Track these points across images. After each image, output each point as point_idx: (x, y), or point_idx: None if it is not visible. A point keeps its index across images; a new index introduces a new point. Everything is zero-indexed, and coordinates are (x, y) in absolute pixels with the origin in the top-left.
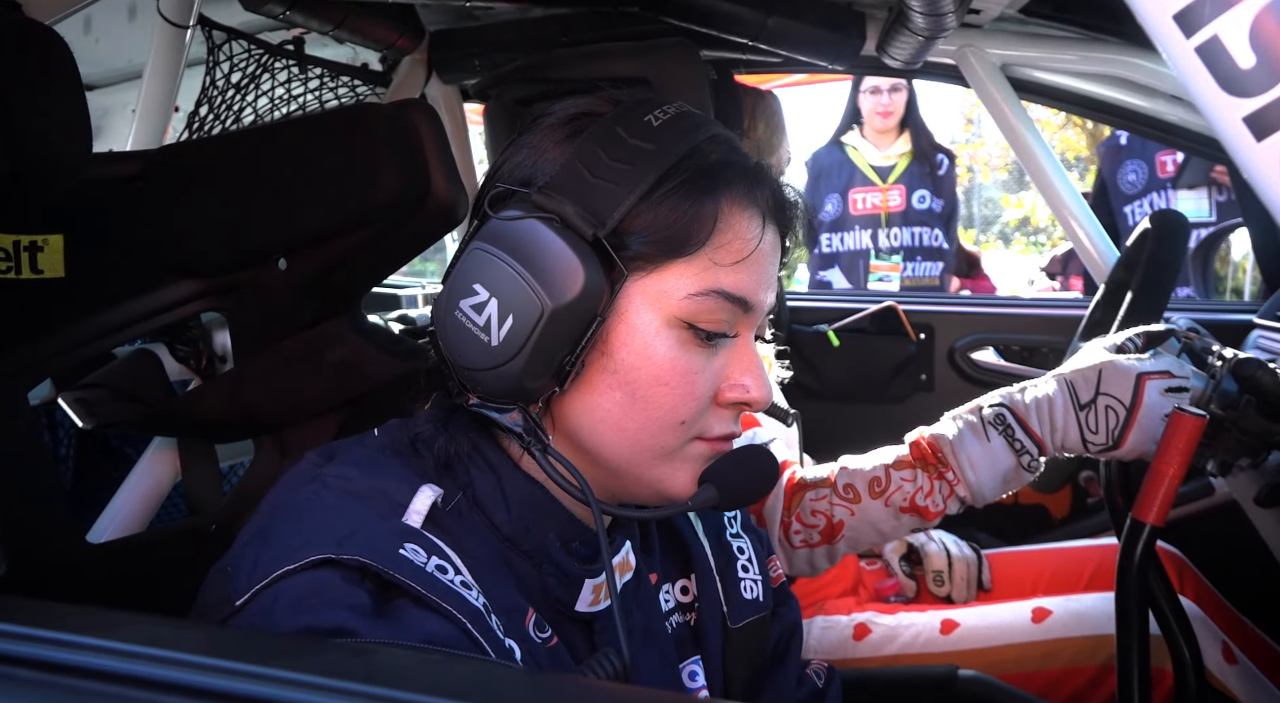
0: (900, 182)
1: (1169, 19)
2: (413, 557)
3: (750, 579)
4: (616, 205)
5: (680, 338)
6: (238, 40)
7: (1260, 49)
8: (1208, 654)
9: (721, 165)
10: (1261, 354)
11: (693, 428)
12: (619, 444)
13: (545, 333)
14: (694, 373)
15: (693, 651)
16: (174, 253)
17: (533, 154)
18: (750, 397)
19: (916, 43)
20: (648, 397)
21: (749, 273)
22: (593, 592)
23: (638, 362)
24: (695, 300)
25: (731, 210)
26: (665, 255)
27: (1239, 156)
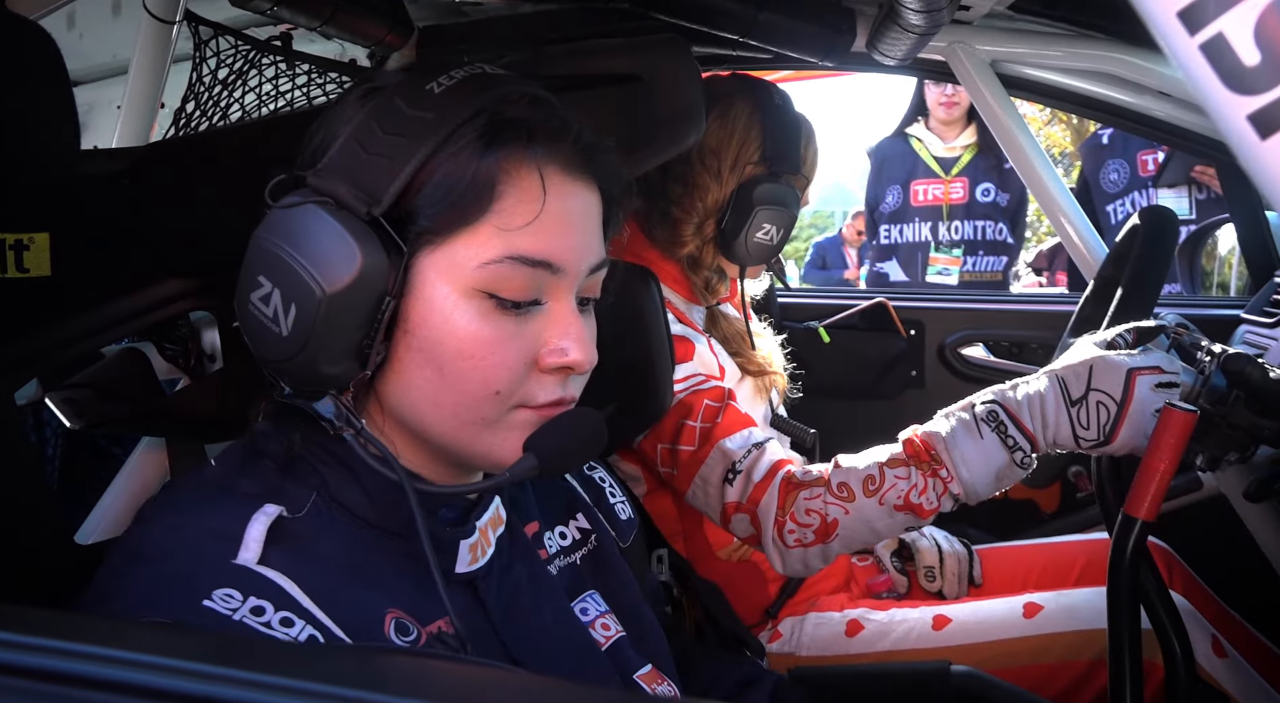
0: (964, 174)
1: (1173, 16)
2: (220, 605)
3: (619, 502)
4: (390, 181)
5: (481, 308)
6: (225, 36)
7: (1265, 46)
8: (1197, 648)
9: (502, 125)
10: (1249, 349)
11: (511, 397)
12: (440, 419)
13: (329, 319)
14: (501, 342)
15: (585, 587)
16: (162, 251)
17: (326, 134)
18: (570, 360)
19: (907, 39)
20: (456, 371)
21: (549, 234)
22: (469, 551)
23: (439, 337)
24: (489, 268)
25: (513, 170)
26: (451, 226)
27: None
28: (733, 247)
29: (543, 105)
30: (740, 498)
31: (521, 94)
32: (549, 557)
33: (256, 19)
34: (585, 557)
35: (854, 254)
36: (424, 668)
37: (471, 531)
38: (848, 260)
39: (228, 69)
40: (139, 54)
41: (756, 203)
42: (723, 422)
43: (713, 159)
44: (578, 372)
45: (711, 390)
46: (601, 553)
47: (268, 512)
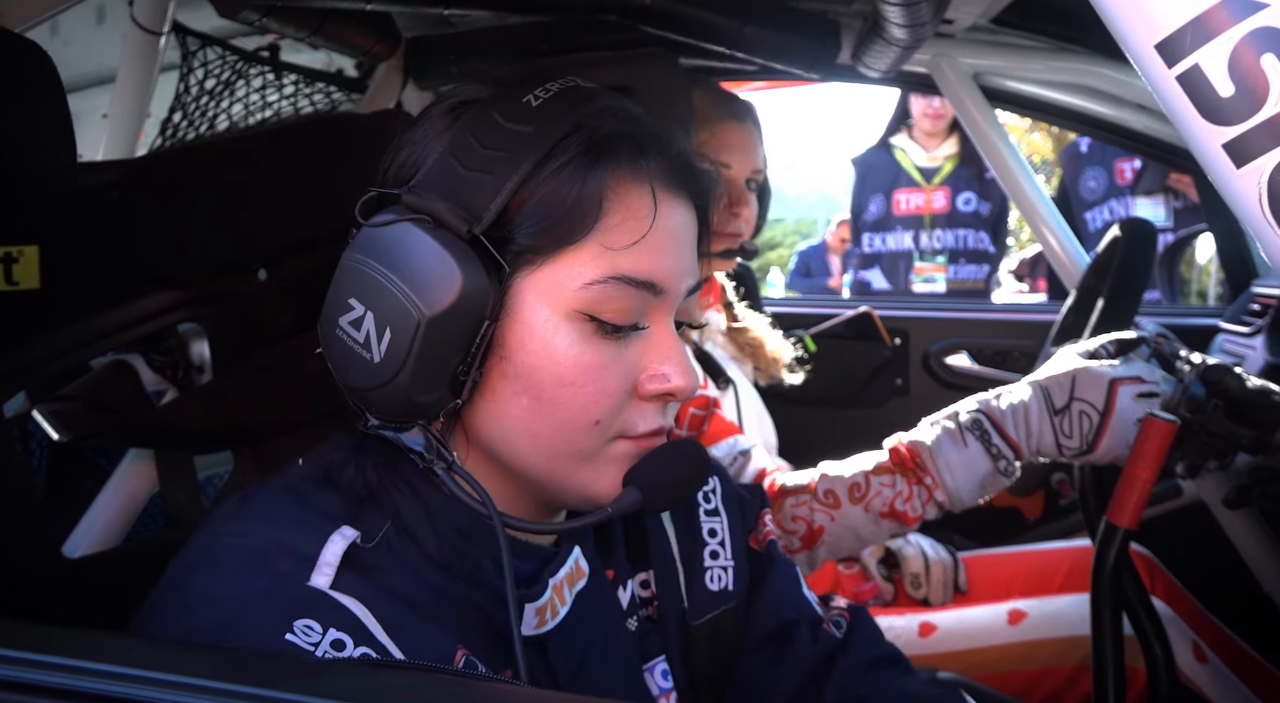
0: (945, 184)
1: (1151, 48)
2: (302, 639)
3: (719, 567)
4: (492, 197)
5: (582, 332)
6: (212, 47)
7: (1239, 79)
8: (1179, 654)
9: (606, 139)
10: (1227, 358)
11: (611, 427)
12: (534, 451)
13: (426, 343)
14: (602, 368)
15: (659, 649)
16: (151, 263)
17: (414, 151)
18: (672, 386)
19: (891, 52)
20: (555, 398)
21: (652, 253)
22: (535, 615)
23: (539, 362)
24: (593, 289)
25: (620, 187)
26: (554, 245)
27: (1219, 182)
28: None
29: (638, 120)
30: None
31: (619, 108)
32: (628, 608)
33: (244, 29)
34: (645, 619)
35: (838, 261)
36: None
37: (541, 591)
38: (831, 268)
39: (215, 79)
40: (125, 65)
41: None
42: (708, 430)
43: None
44: (679, 399)
45: (696, 399)
46: (660, 621)
47: (345, 534)
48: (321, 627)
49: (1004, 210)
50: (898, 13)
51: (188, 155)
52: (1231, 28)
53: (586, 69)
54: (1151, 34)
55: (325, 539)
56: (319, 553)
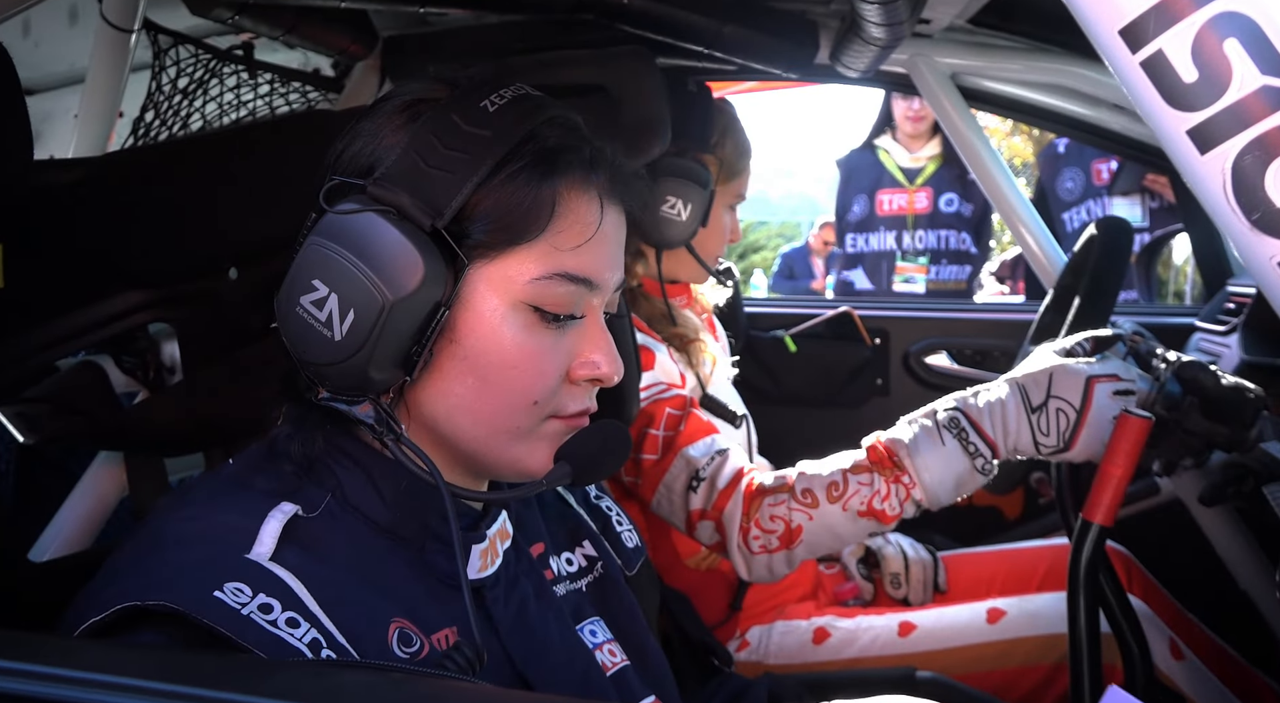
0: (928, 185)
1: (1115, 34)
2: (230, 599)
3: (626, 531)
4: (453, 195)
5: (527, 321)
6: (185, 45)
7: (1202, 64)
8: (1156, 652)
9: (559, 150)
10: (1203, 356)
11: (546, 407)
12: (474, 427)
13: (389, 326)
14: (543, 354)
15: (590, 613)
16: (120, 262)
17: (370, 142)
18: (601, 372)
19: (869, 52)
20: (499, 380)
21: (592, 254)
22: (480, 557)
23: (486, 347)
24: (539, 284)
25: (570, 195)
26: (506, 242)
27: (1183, 169)
28: (641, 223)
29: (580, 131)
30: (705, 506)
31: (565, 119)
32: (555, 579)
33: (217, 28)
34: (591, 584)
35: (821, 264)
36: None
37: (482, 537)
38: (815, 270)
39: (188, 78)
40: (95, 63)
41: (658, 174)
42: (685, 430)
43: None
44: (605, 383)
45: (673, 399)
46: (607, 581)
47: (284, 509)
48: (252, 590)
49: (986, 212)
50: (875, 12)
51: (157, 153)
52: (1194, 13)
53: (564, 68)
54: (1115, 19)
55: (265, 516)
56: (259, 529)
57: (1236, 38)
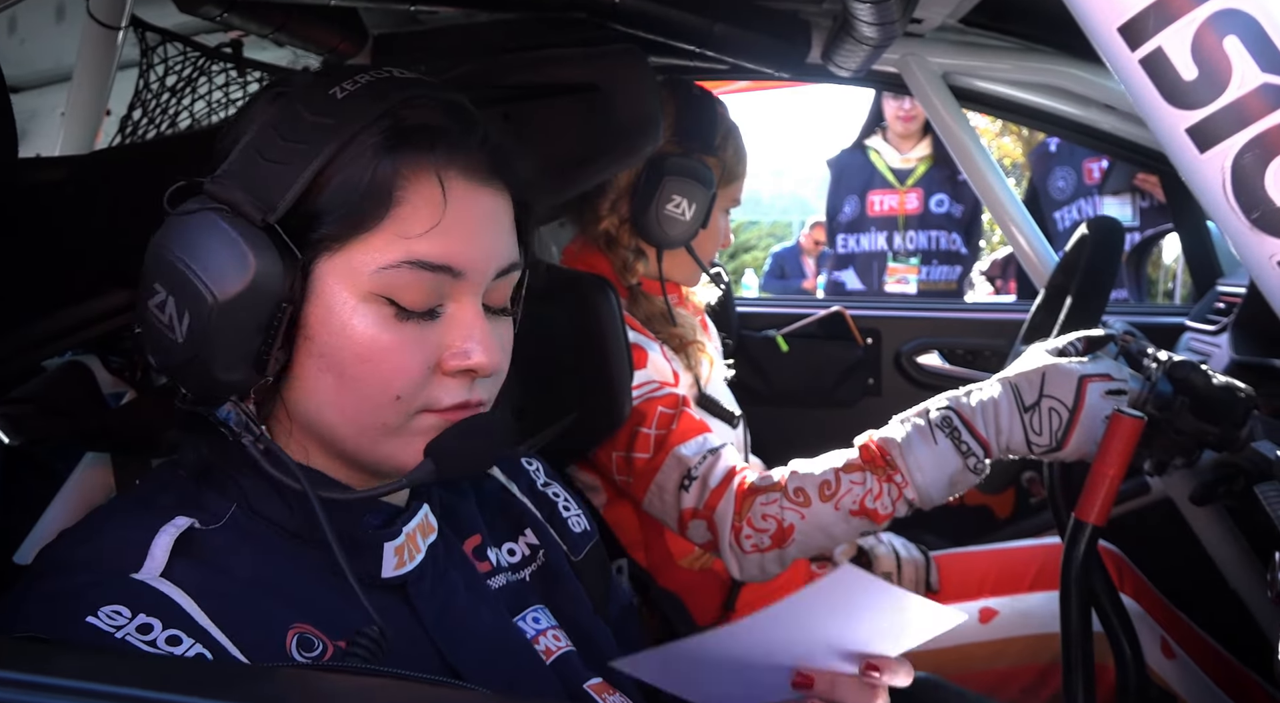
0: (919, 185)
1: (1114, 31)
2: (104, 623)
3: (574, 516)
4: (287, 188)
5: (380, 313)
6: (173, 43)
7: (1202, 62)
8: (1147, 650)
9: (402, 130)
10: (1193, 356)
11: (414, 401)
12: (343, 425)
13: (221, 326)
14: (401, 347)
15: (531, 602)
16: (107, 262)
17: (228, 140)
18: (472, 363)
19: (861, 52)
20: (355, 375)
21: (449, 238)
22: (395, 555)
23: (339, 342)
24: (388, 274)
25: (414, 176)
26: (349, 232)
27: (1182, 167)
28: (645, 222)
29: (451, 110)
30: (697, 504)
31: (430, 99)
32: (493, 570)
33: (206, 25)
34: (534, 573)
35: (812, 263)
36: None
37: (396, 533)
38: (806, 270)
39: (176, 76)
40: (82, 60)
41: (665, 173)
42: (677, 428)
43: None
44: (481, 374)
45: (665, 397)
46: (550, 569)
47: (177, 524)
48: (131, 612)
49: (977, 212)
50: (867, 11)
51: (144, 150)
52: (1194, 10)
53: (555, 66)
54: (1114, 16)
55: (156, 532)
56: (150, 544)
57: (1236, 35)
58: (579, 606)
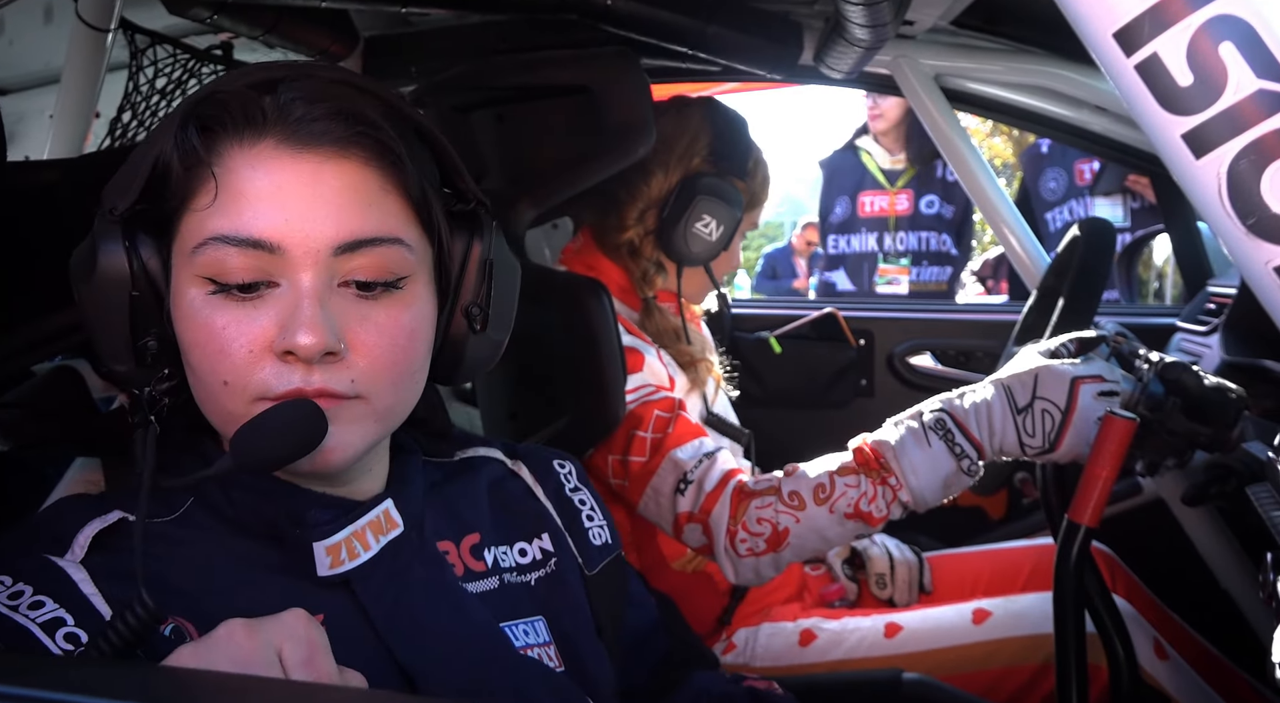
0: (909, 186)
1: (1109, 37)
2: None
3: (596, 526)
4: (131, 181)
5: (205, 296)
6: (162, 45)
7: (1197, 68)
8: (1140, 651)
9: (197, 113)
10: (1184, 357)
11: (245, 388)
12: (212, 415)
13: (89, 315)
14: (222, 329)
15: (531, 611)
16: None
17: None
18: (293, 343)
19: (853, 53)
20: (193, 363)
21: (250, 209)
22: (328, 554)
23: (181, 329)
24: (200, 255)
25: (214, 155)
26: (171, 217)
27: (1178, 173)
28: (671, 237)
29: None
30: (692, 508)
31: (230, 80)
32: (486, 571)
33: (196, 28)
34: (540, 580)
35: (804, 264)
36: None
37: (329, 532)
38: (797, 270)
39: (166, 78)
40: (71, 62)
41: (698, 192)
42: (674, 432)
43: (663, 147)
44: (302, 357)
45: (662, 401)
46: (558, 579)
47: (106, 519)
48: (11, 581)
49: (968, 213)
50: (859, 13)
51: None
52: (1190, 15)
53: (547, 68)
54: (1109, 22)
55: (85, 524)
56: (74, 538)
57: (1232, 41)
58: (580, 624)
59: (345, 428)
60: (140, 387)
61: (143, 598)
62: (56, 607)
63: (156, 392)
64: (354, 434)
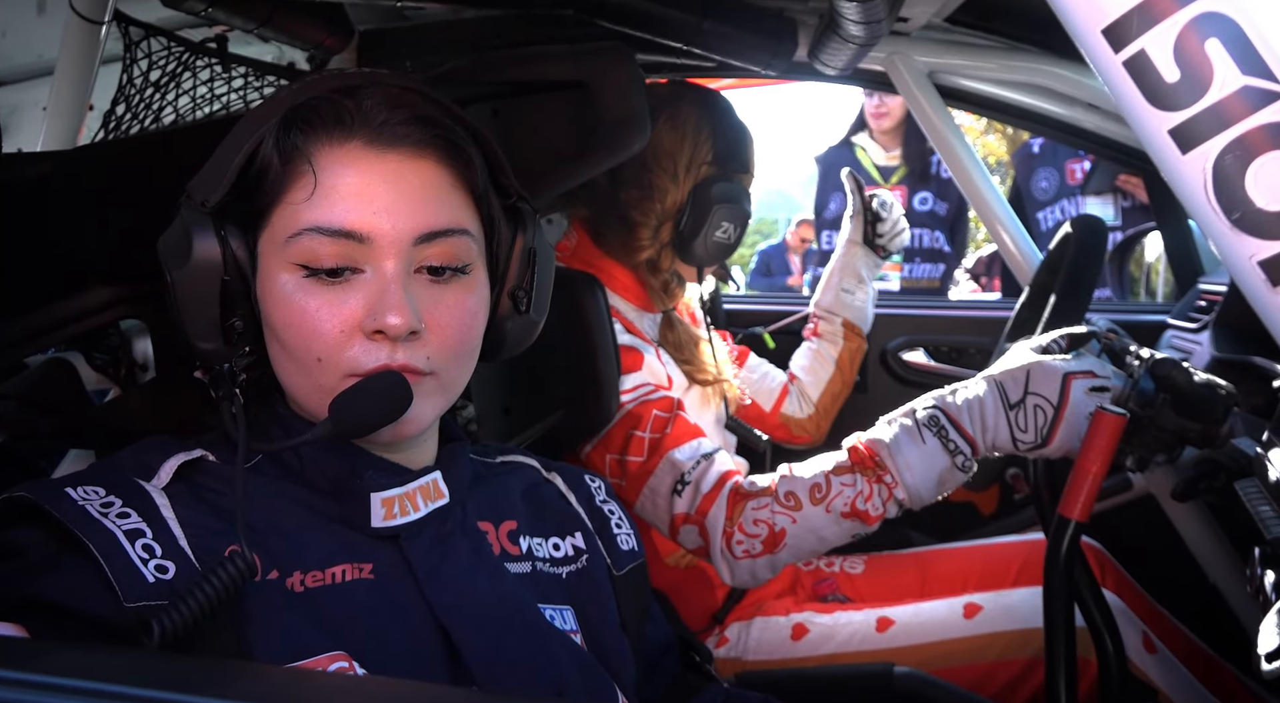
0: (902, 183)
1: (1098, 33)
2: (76, 494)
3: (624, 534)
4: (222, 174)
5: (298, 281)
6: (156, 37)
7: (1184, 64)
8: (1129, 645)
9: (298, 111)
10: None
11: (337, 364)
12: (296, 388)
13: (183, 298)
14: (315, 312)
15: (561, 600)
16: (91, 257)
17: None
18: (383, 323)
19: (847, 50)
20: (286, 341)
21: (343, 203)
22: (383, 506)
23: (273, 311)
24: (296, 243)
25: (313, 151)
26: (266, 209)
27: (1164, 168)
28: (691, 247)
29: (342, 92)
30: (689, 509)
31: (326, 80)
32: (521, 556)
33: (190, 20)
34: (572, 574)
35: (798, 261)
36: None
37: (387, 486)
38: (792, 267)
39: (160, 71)
40: (64, 55)
41: (714, 201)
42: (671, 433)
43: (668, 162)
44: (391, 336)
45: (660, 401)
46: (588, 575)
47: (191, 453)
48: (105, 492)
49: (962, 210)
50: (853, 10)
51: (128, 146)
52: (1177, 13)
53: (542, 63)
54: (1098, 19)
55: (169, 457)
56: (160, 466)
57: (1218, 38)
58: (606, 618)
59: (421, 401)
60: (222, 363)
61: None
62: (139, 520)
63: (237, 367)
64: (428, 407)
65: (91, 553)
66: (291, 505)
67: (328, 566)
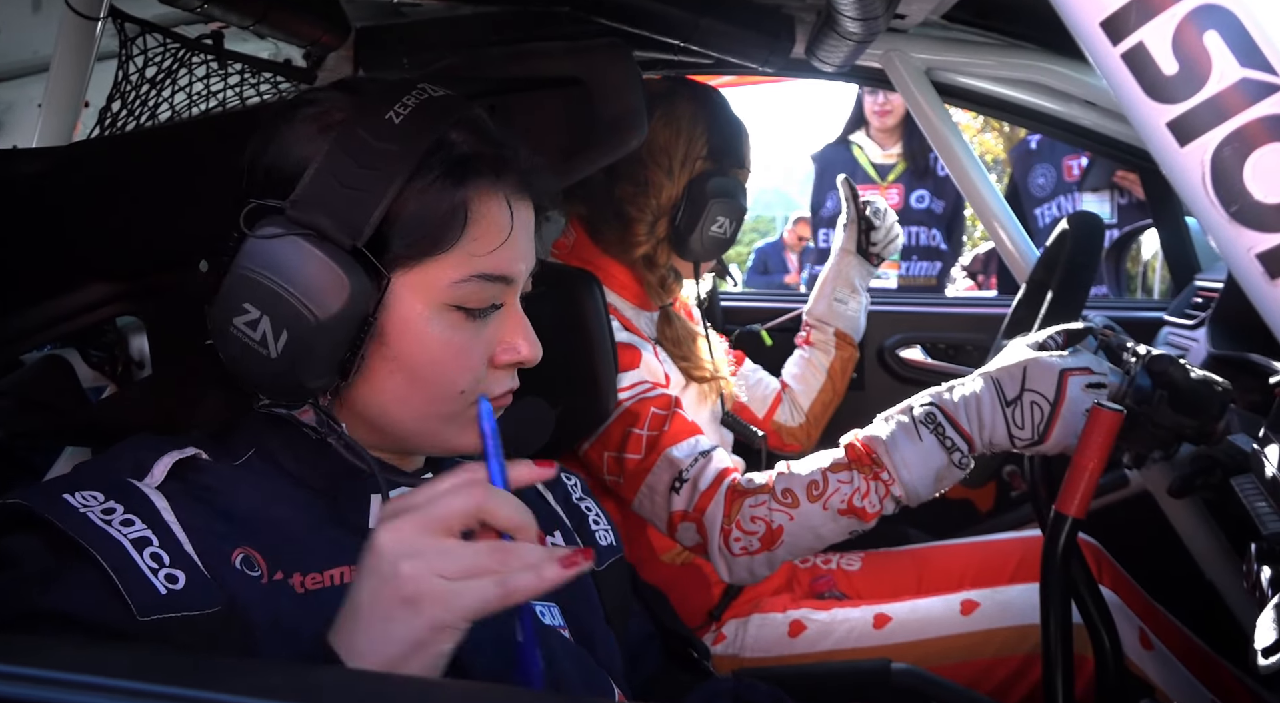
0: (899, 181)
1: (1096, 26)
2: (76, 501)
3: (602, 530)
4: (369, 213)
5: (451, 320)
6: (152, 34)
7: (1182, 57)
8: (1126, 641)
9: (467, 158)
10: (1172, 350)
11: (473, 394)
12: (406, 417)
13: (320, 342)
14: (467, 347)
15: (547, 596)
16: (87, 254)
17: (280, 156)
18: (522, 356)
19: (845, 46)
20: (428, 376)
21: (510, 254)
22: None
23: (413, 348)
24: (459, 287)
25: (481, 201)
26: (425, 253)
27: (1162, 161)
28: (688, 243)
29: (490, 134)
30: (687, 507)
31: (472, 120)
32: None
33: (186, 16)
34: None
35: (795, 259)
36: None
37: (384, 487)
38: (789, 265)
39: (156, 68)
40: (59, 51)
41: (710, 196)
42: (669, 430)
43: (663, 157)
44: (527, 364)
45: (658, 398)
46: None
47: (184, 451)
48: (104, 497)
49: (959, 208)
50: (850, 6)
51: (125, 143)
52: (1175, 5)
53: (539, 60)
54: (1096, 12)
55: (163, 454)
56: (153, 465)
57: (1216, 30)
58: (591, 612)
59: None
60: (312, 397)
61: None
62: (144, 526)
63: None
64: None
65: (95, 561)
66: (282, 502)
67: (327, 567)
